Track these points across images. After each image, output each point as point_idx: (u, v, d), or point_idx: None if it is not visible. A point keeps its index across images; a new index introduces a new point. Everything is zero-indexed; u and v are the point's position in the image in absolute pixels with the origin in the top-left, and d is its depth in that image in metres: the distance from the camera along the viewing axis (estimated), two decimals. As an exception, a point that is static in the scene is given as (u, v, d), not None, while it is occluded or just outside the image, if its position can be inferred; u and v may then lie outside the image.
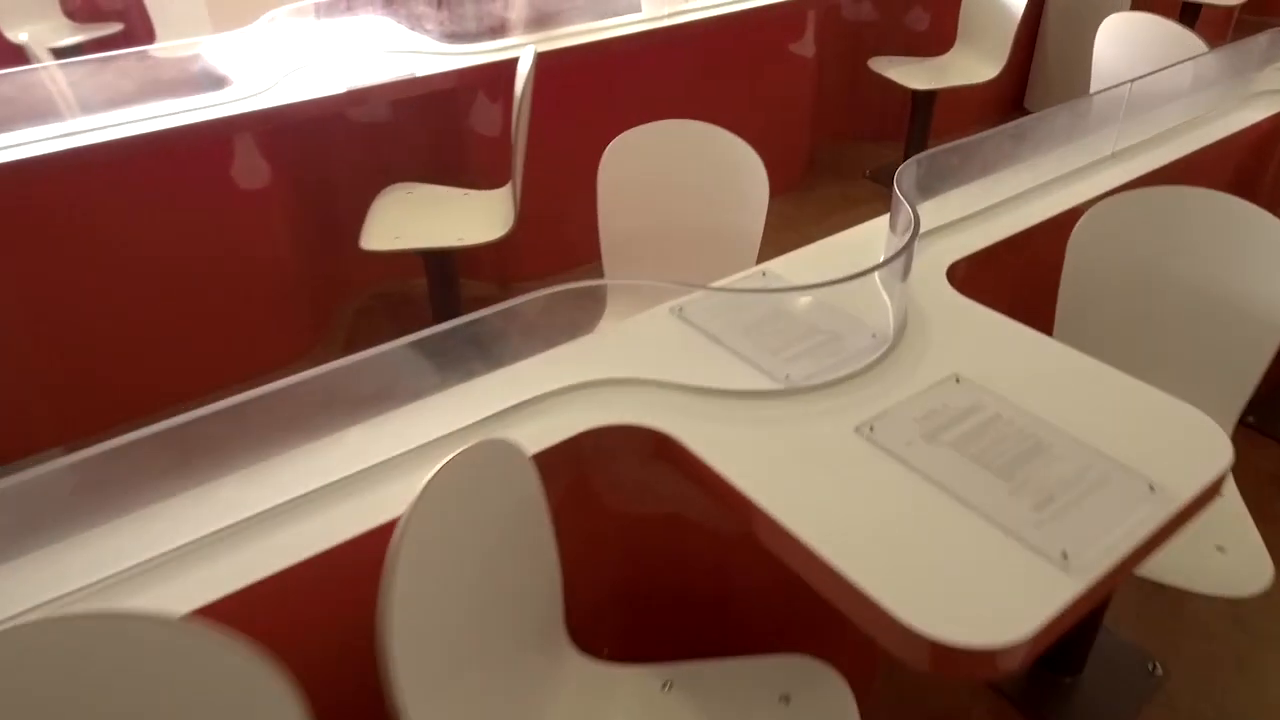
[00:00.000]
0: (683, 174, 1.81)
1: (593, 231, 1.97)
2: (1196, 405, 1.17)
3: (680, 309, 1.39)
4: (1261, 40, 2.19)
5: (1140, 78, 1.88)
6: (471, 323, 1.23)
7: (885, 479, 1.06)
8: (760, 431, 1.15)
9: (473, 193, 2.55)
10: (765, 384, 1.22)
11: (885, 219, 1.66)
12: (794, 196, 3.55)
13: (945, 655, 0.86)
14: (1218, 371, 1.52)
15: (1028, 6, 3.38)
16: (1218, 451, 1.09)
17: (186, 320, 2.42)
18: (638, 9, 3.02)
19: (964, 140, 1.63)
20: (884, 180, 3.75)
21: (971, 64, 3.55)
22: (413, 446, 1.13)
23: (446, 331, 1.18)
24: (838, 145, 3.97)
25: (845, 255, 1.56)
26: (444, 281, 2.55)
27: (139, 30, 3.80)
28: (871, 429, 1.15)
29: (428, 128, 2.82)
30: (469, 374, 1.24)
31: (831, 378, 1.23)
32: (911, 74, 3.49)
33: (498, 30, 2.75)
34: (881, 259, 1.53)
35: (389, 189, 2.54)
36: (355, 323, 2.85)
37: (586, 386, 1.23)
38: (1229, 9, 4.87)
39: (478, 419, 1.17)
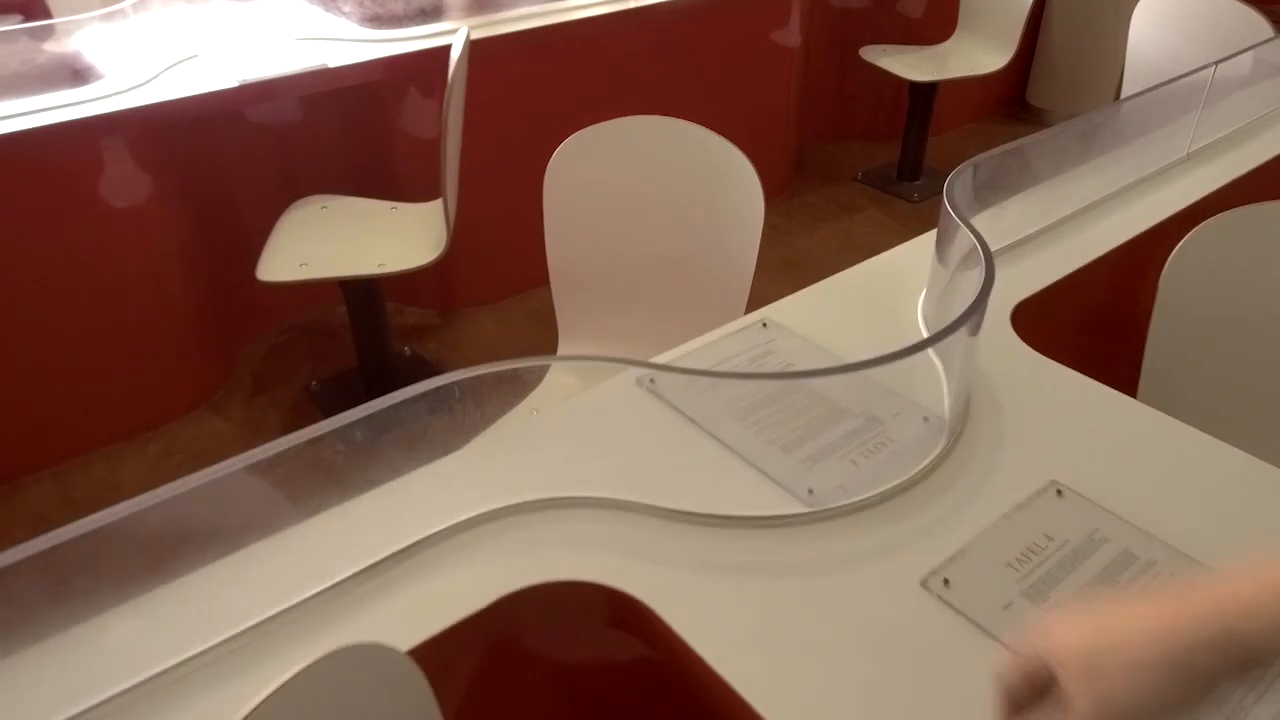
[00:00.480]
0: (652, 184, 1.40)
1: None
2: None
3: (652, 379, 0.98)
4: (1352, 14, 1.83)
5: (1223, 60, 1.50)
6: (338, 429, 0.80)
7: (978, 665, 0.66)
8: (771, 586, 0.74)
9: (401, 206, 2.13)
10: (778, 504, 0.81)
11: (920, 242, 1.26)
12: (779, 203, 3.15)
13: None
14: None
15: (1037, -12, 3.01)
16: None
17: (56, 364, 1.98)
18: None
19: (1021, 141, 1.23)
20: (878, 182, 3.37)
21: (976, 52, 3.17)
22: (233, 633, 0.71)
23: (289, 450, 0.76)
24: (826, 144, 3.58)
25: (877, 298, 1.16)
26: (369, 314, 2.12)
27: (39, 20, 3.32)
28: (946, 583, 0.74)
29: (346, 129, 2.39)
30: (319, 503, 0.82)
31: (877, 490, 0.83)
32: (909, 64, 3.10)
33: (431, 13, 2.33)
34: (922, 299, 1.13)
35: (299, 203, 2.11)
36: (267, 361, 2.41)
37: (507, 513, 0.82)
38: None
39: (333, 582, 0.75)
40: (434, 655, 0.68)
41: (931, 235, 1.20)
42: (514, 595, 0.74)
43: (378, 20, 2.25)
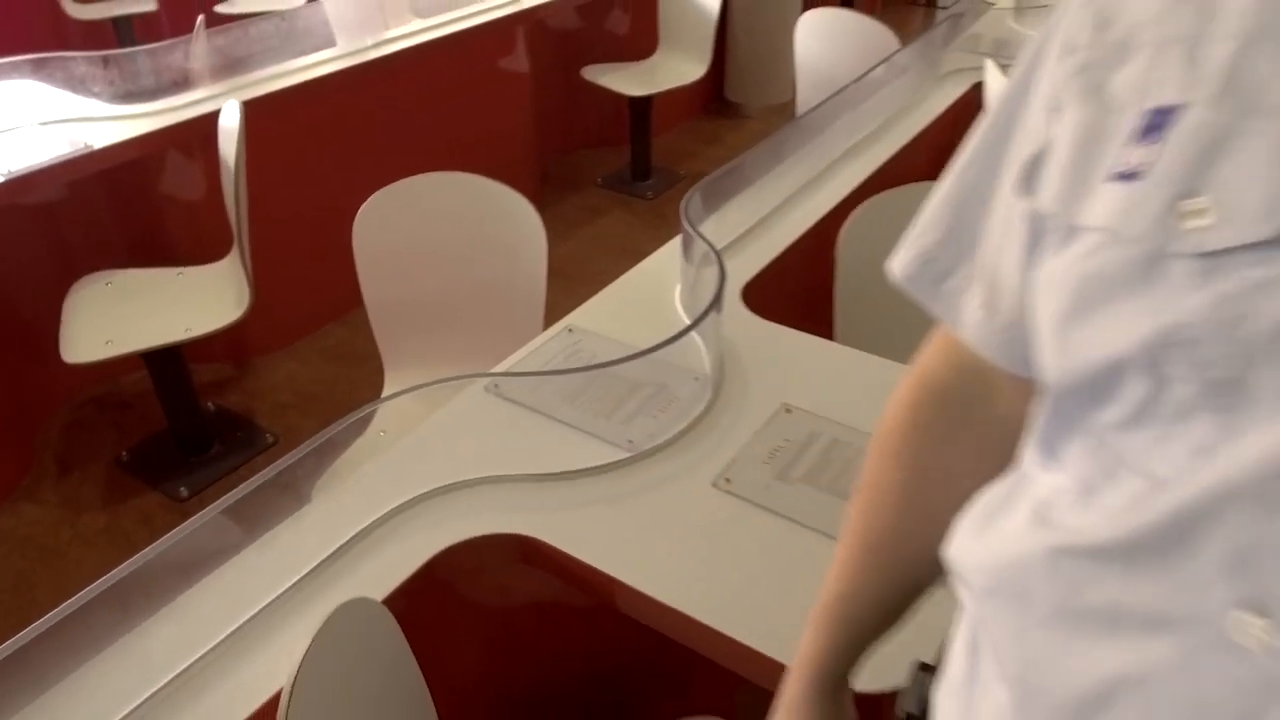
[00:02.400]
0: (450, 229, 1.68)
1: (335, 285, 1.76)
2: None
3: (496, 385, 1.28)
4: (943, 28, 2.42)
5: (859, 80, 2.00)
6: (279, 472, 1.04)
7: (755, 528, 1.03)
8: (618, 508, 1.07)
9: (188, 270, 2.24)
10: (611, 454, 1.15)
11: (671, 246, 1.63)
12: (534, 215, 3.48)
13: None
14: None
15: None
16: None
17: None
18: (332, 43, 2.79)
19: (734, 163, 1.64)
20: (616, 185, 3.79)
21: (678, 65, 3.66)
22: (243, 620, 0.94)
23: (253, 492, 0.99)
24: (565, 156, 3.95)
25: (645, 295, 1.52)
26: (175, 379, 2.22)
27: None
28: (728, 480, 1.11)
29: (116, 203, 2.44)
30: (277, 518, 1.05)
31: (673, 433, 1.18)
32: (625, 80, 3.53)
33: (181, 83, 2.43)
34: (678, 291, 1.51)
35: (82, 282, 2.16)
36: (67, 440, 2.41)
37: (426, 499, 1.09)
38: (876, -10, 5.43)
39: (308, 570, 0.99)
40: (397, 604, 0.95)
41: (679, 240, 1.58)
42: (443, 552, 1.02)
43: (132, 96, 2.32)
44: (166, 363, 2.17)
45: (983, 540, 0.47)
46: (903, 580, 0.63)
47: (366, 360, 2.73)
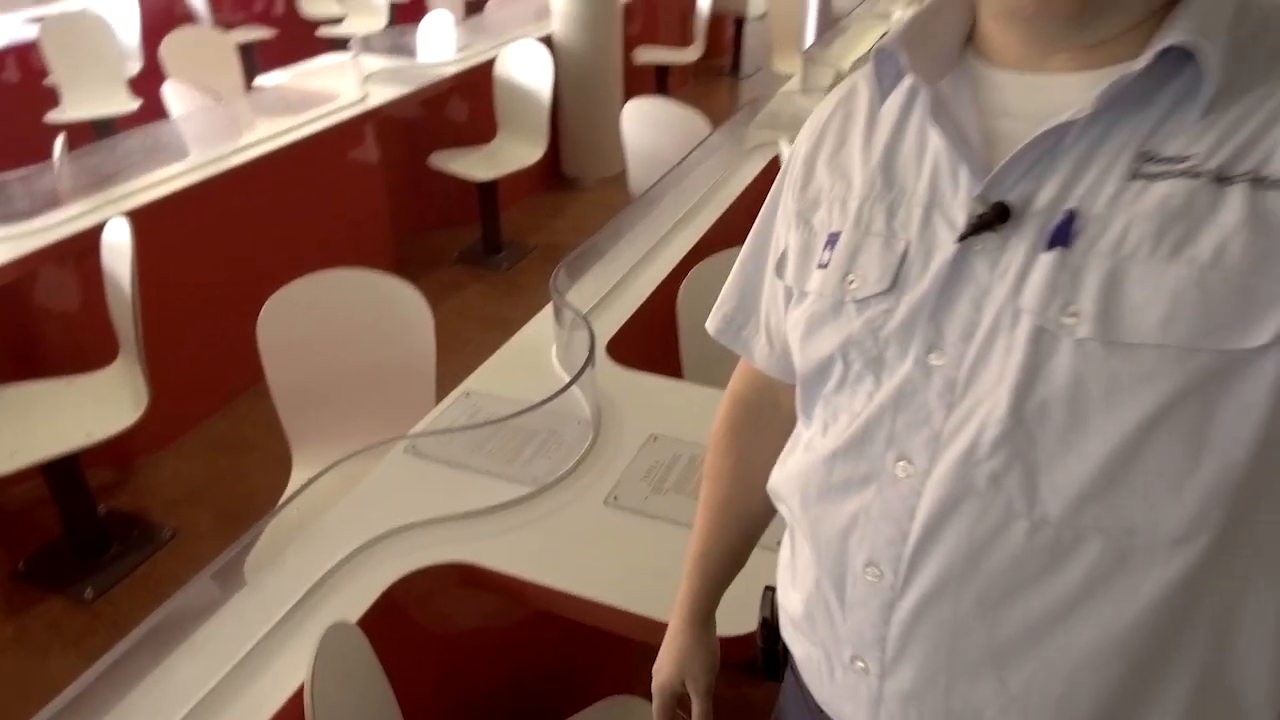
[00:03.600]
0: (348, 320, 1.91)
1: (212, 380, 1.88)
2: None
3: (414, 446, 1.52)
4: (745, 110, 2.86)
5: (681, 162, 2.38)
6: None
7: (641, 531, 1.33)
8: (533, 530, 1.35)
9: (77, 379, 2.35)
10: (520, 490, 1.42)
11: (543, 316, 1.92)
12: (396, 295, 3.70)
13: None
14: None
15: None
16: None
17: None
18: (185, 155, 2.96)
19: (589, 241, 1.96)
20: (471, 261, 4.07)
21: (518, 148, 4.00)
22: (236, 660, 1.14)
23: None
24: (418, 237, 4.19)
25: (527, 358, 1.80)
26: (72, 486, 2.31)
27: None
28: (616, 498, 1.41)
29: (-4, 322, 2.50)
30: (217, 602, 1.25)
31: (567, 468, 1.47)
32: (470, 165, 3.84)
33: (52, 201, 2.54)
34: (554, 351, 1.80)
35: (-30, 400, 2.23)
36: (-45, 560, 2.43)
37: (371, 545, 1.32)
38: (687, 67, 6.00)
39: (283, 612, 1.21)
40: (367, 628, 1.18)
41: (550, 308, 1.88)
42: (397, 583, 1.26)
43: (5, 219, 2.42)
44: (63, 470, 2.26)
45: (783, 470, 0.80)
46: (740, 534, 0.96)
47: (253, 449, 2.88)
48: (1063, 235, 0.58)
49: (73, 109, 4.66)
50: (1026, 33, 0.62)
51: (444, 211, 4.25)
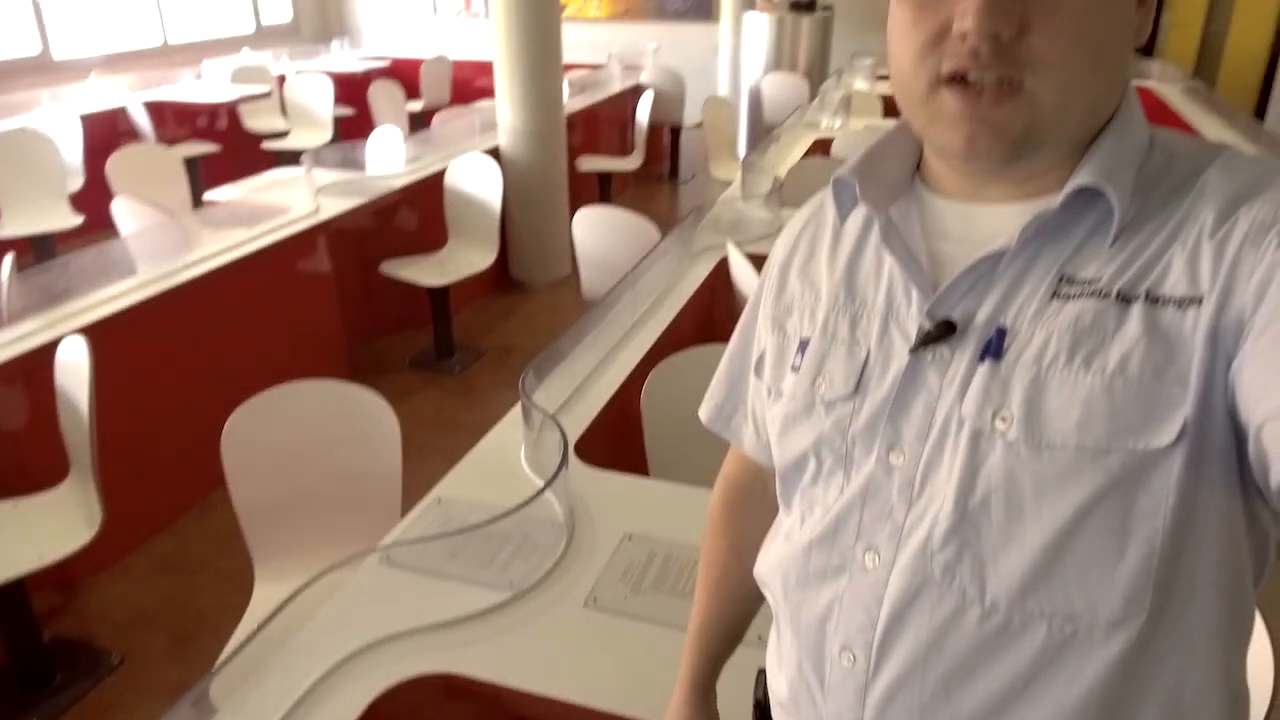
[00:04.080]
0: (313, 432, 1.91)
1: (159, 497, 1.83)
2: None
3: (388, 556, 1.52)
4: (691, 216, 2.99)
5: (635, 267, 2.47)
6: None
7: (623, 632, 1.34)
8: (513, 636, 1.35)
9: (22, 501, 2.28)
10: (498, 596, 1.42)
11: (510, 419, 1.95)
12: (349, 402, 3.68)
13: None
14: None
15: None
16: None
17: None
18: (149, 270, 2.96)
19: (553, 345, 2.01)
20: (423, 365, 4.08)
21: (469, 255, 4.08)
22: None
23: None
24: (370, 344, 4.20)
25: (496, 461, 1.82)
26: (18, 613, 2.22)
27: None
28: (596, 600, 1.42)
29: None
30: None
31: (544, 571, 1.48)
32: (422, 272, 3.90)
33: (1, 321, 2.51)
34: (523, 453, 1.83)
35: (-90, 528, 2.15)
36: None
37: (352, 659, 1.31)
38: (628, 174, 6.22)
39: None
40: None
41: (517, 411, 1.91)
42: (380, 698, 1.24)
43: (-49, 340, 2.38)
44: (9, 596, 2.17)
45: (766, 558, 0.85)
46: (736, 609, 1.00)
47: (203, 567, 2.80)
48: (995, 349, 0.65)
49: (12, 225, 4.63)
50: (963, 169, 0.71)
51: (395, 317, 4.28)
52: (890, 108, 5.79)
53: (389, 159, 4.32)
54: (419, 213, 4.32)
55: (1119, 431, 0.60)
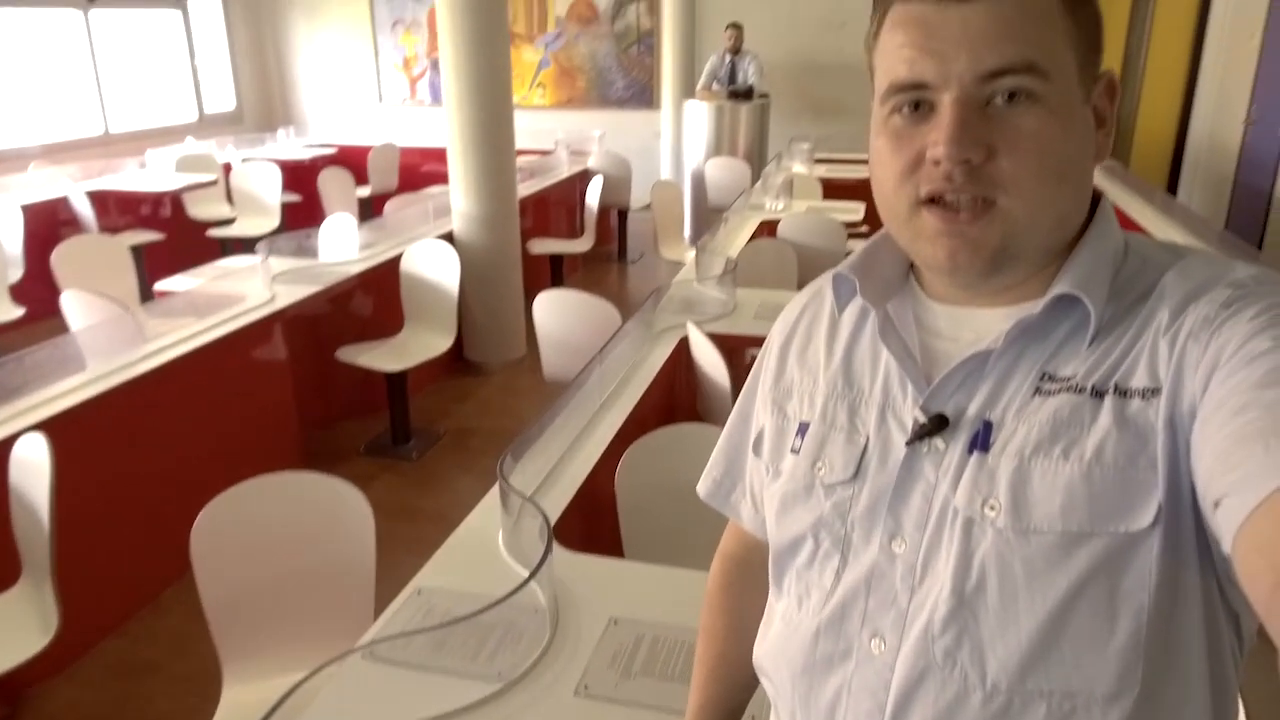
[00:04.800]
0: (285, 526, 1.89)
1: (108, 597, 1.74)
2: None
3: (371, 651, 1.50)
4: (652, 298, 3.06)
5: (602, 350, 2.52)
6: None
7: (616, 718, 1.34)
8: (508, 728, 1.34)
9: (-31, 607, 2.18)
10: (487, 688, 1.41)
11: (487, 503, 1.95)
12: (304, 492, 3.61)
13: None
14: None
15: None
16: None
17: None
18: (105, 362, 2.91)
19: (528, 428, 2.03)
20: (379, 452, 4.04)
21: (426, 338, 4.09)
22: None
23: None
24: (326, 430, 4.15)
25: (474, 548, 1.81)
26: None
27: None
28: (587, 687, 1.42)
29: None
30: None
31: (531, 660, 1.47)
32: (379, 357, 3.89)
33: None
34: (501, 539, 1.82)
35: None
36: None
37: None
38: (578, 255, 6.33)
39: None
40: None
41: (493, 496, 1.91)
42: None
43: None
44: (-49, 711, 2.06)
45: (764, 644, 0.87)
46: (735, 689, 1.01)
47: (156, 670, 2.69)
48: (983, 441, 0.71)
49: (-50, 318, 4.50)
50: (949, 280, 0.77)
51: (351, 403, 4.25)
52: (829, 189, 6.04)
53: (343, 246, 4.34)
54: (375, 298, 4.33)
55: (1100, 516, 0.64)
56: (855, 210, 5.19)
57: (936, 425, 0.73)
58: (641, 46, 8.83)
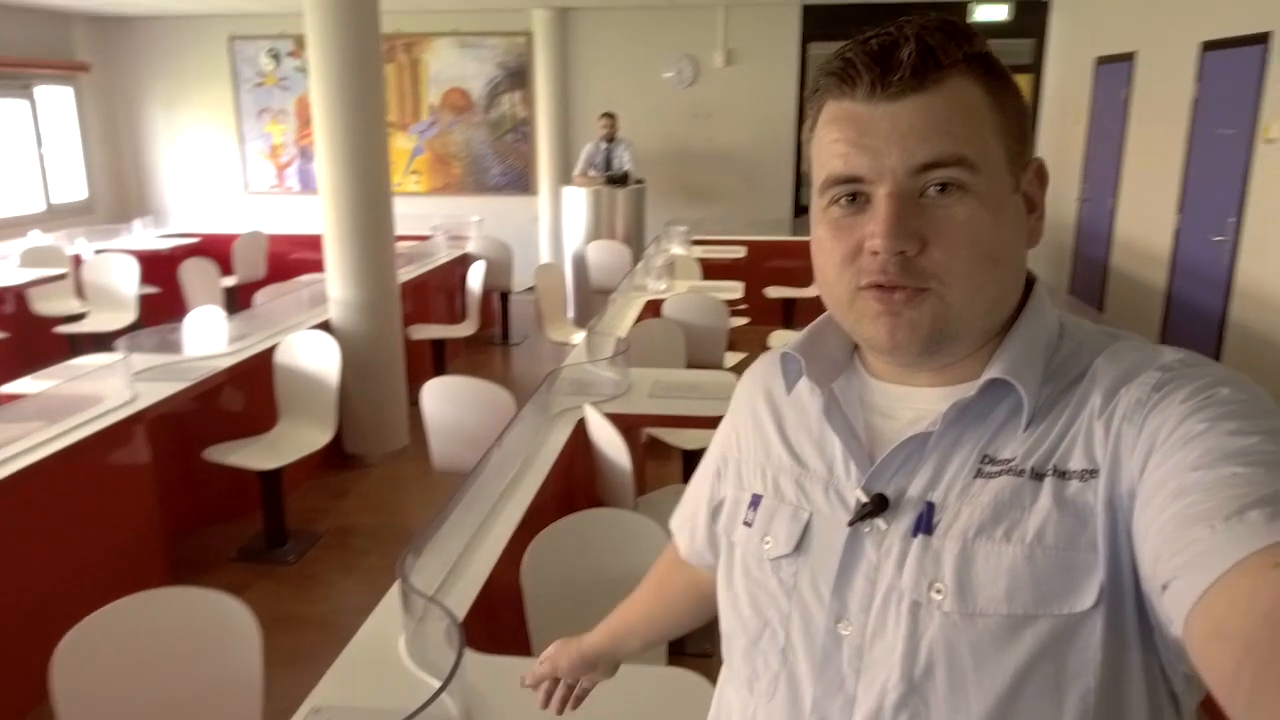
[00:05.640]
0: (161, 648, 1.71)
1: None
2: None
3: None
4: (546, 382, 3.01)
5: (500, 437, 2.44)
6: None
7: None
8: None
9: None
10: (401, 813, 1.29)
11: (384, 606, 1.82)
12: (170, 606, 3.31)
13: None
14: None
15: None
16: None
17: None
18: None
19: (428, 524, 1.92)
20: (253, 557, 3.77)
21: (304, 433, 3.88)
22: None
23: None
24: (193, 537, 3.85)
25: (373, 657, 1.68)
26: None
27: None
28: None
29: None
30: None
31: (448, 776, 1.36)
32: (252, 456, 3.66)
33: None
34: (402, 643, 1.70)
35: None
36: None
37: None
38: (460, 340, 6.22)
39: None
40: None
41: (391, 597, 1.79)
42: None
43: None
44: None
45: (721, 710, 0.87)
46: (671, 610, 1.11)
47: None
48: (926, 523, 0.70)
49: None
50: (890, 361, 0.78)
51: (220, 506, 3.97)
52: (708, 270, 6.19)
53: (211, 339, 4.12)
54: (246, 393, 4.10)
55: (1044, 598, 0.65)
56: (735, 289, 5.33)
57: (878, 505, 0.72)
58: (517, 134, 8.95)
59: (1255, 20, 4.95)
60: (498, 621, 2.02)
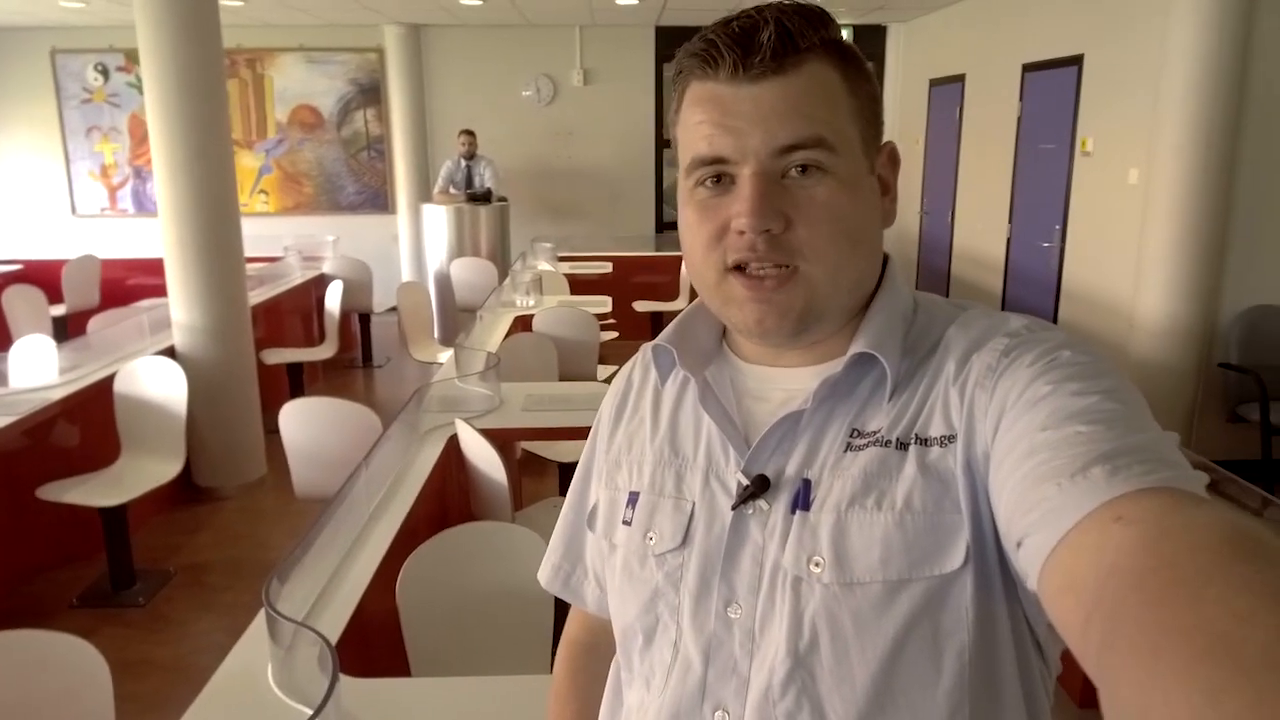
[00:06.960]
0: (2, 694, 1.55)
1: None
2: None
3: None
4: (415, 399, 2.93)
5: (367, 456, 2.35)
6: None
7: None
8: None
9: None
10: None
11: (251, 636, 1.71)
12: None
13: None
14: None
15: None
16: None
17: None
18: None
19: (293, 548, 1.82)
20: (97, 601, 3.48)
21: (148, 466, 3.63)
22: None
23: None
24: (29, 584, 3.52)
25: (239, 692, 1.58)
26: None
27: None
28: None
29: None
30: None
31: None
32: (92, 492, 3.39)
33: None
34: (270, 671, 1.60)
35: None
36: None
37: None
38: (318, 363, 5.98)
39: None
40: None
41: (254, 629, 1.68)
42: None
43: None
44: None
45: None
46: None
47: None
48: (803, 500, 0.72)
49: None
50: (759, 343, 0.79)
51: (58, 549, 3.65)
52: (575, 285, 6.20)
53: (40, 370, 3.80)
54: (83, 426, 3.80)
55: (916, 562, 0.67)
56: (604, 303, 5.35)
57: (760, 487, 0.73)
58: (372, 152, 8.72)
59: (1070, 44, 5.41)
60: (372, 645, 1.94)
